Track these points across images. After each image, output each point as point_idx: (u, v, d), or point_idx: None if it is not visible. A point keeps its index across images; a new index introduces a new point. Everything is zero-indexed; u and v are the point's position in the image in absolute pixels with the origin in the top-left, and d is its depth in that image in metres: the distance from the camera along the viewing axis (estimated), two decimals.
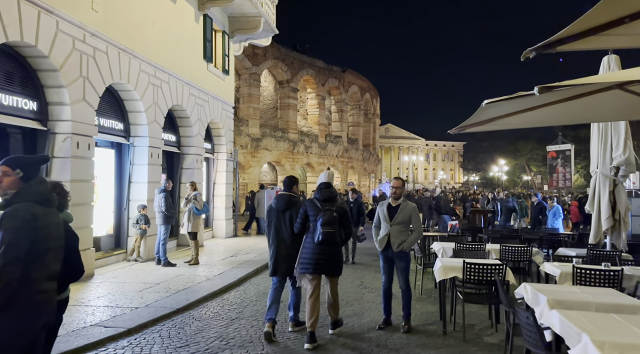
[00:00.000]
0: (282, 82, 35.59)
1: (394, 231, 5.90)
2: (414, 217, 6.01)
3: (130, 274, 9.41)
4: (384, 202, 6.21)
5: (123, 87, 10.41)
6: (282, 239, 5.71)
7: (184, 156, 13.32)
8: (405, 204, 6.02)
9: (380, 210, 6.14)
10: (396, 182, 6.11)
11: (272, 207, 5.87)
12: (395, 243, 5.89)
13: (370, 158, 47.75)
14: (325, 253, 5.39)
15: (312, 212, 5.46)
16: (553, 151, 23.66)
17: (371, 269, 10.62)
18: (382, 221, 6.06)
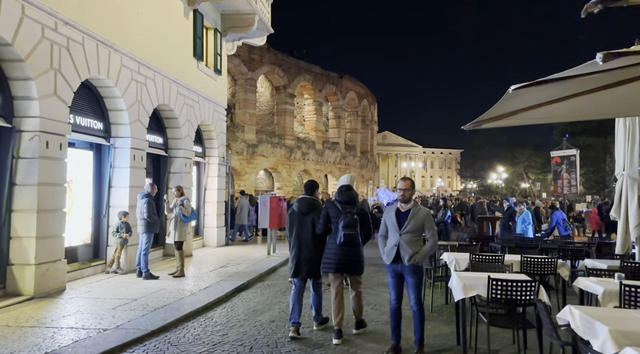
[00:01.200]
0: (279, 88, 34.75)
1: (405, 241, 4.97)
2: (427, 224, 5.07)
3: (106, 288, 8.41)
4: (392, 208, 5.26)
5: (102, 83, 9.47)
6: (304, 241, 5.84)
7: (172, 159, 12.36)
8: (416, 209, 5.08)
9: (388, 216, 5.21)
10: (404, 184, 5.15)
11: (294, 210, 6.01)
12: (406, 255, 4.96)
13: (368, 165, 46.90)
14: (347, 253, 5.61)
15: (333, 214, 5.65)
16: (557, 156, 22.70)
17: (372, 282, 9.64)
18: (390, 230, 5.14)
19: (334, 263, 5.64)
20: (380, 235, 5.34)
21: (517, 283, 4.61)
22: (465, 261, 6.77)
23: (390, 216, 5.13)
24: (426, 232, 5.10)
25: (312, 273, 5.87)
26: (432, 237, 5.08)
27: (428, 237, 5.12)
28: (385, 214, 5.24)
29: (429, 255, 5.72)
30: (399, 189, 5.14)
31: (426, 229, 5.07)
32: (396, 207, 5.18)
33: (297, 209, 5.96)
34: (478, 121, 6.35)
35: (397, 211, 5.12)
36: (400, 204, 5.14)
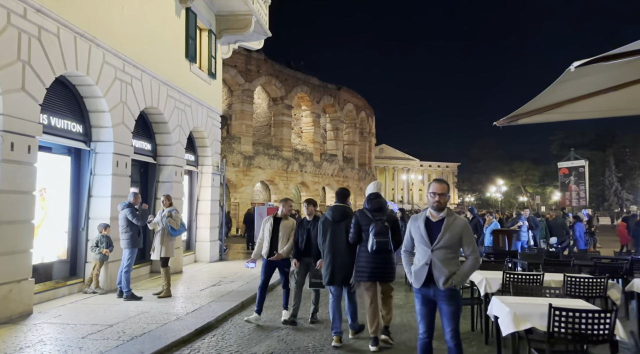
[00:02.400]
0: (276, 99, 33.89)
1: (438, 259, 3.91)
2: (466, 238, 4.00)
3: (80, 311, 7.29)
4: (419, 216, 4.18)
5: (81, 80, 8.46)
6: (338, 249, 5.83)
7: (161, 167, 11.30)
8: (452, 218, 4.01)
9: (414, 227, 4.13)
10: (439, 186, 4.03)
11: (326, 218, 6.02)
12: (440, 277, 3.90)
13: (366, 177, 45.91)
14: (379, 261, 5.57)
15: (364, 223, 5.59)
16: (565, 167, 21.84)
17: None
18: (419, 244, 4.07)
19: (367, 271, 5.61)
20: (405, 250, 4.26)
21: (588, 313, 3.55)
22: (497, 281, 5.71)
23: (418, 227, 4.06)
24: (464, 248, 4.03)
25: (347, 280, 5.86)
26: (473, 254, 3.99)
27: (467, 253, 4.03)
28: (411, 225, 4.17)
29: (469, 277, 4.58)
30: (431, 193, 4.03)
31: (464, 243, 4.00)
32: (425, 216, 4.10)
33: (331, 217, 5.97)
34: (514, 115, 5.35)
35: (426, 220, 4.05)
36: (430, 212, 4.07)
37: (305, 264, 6.78)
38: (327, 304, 7.02)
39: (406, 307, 8.13)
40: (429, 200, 4.06)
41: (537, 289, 5.06)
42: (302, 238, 6.69)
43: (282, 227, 6.90)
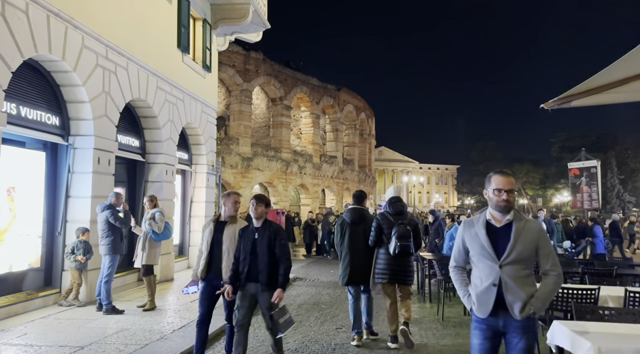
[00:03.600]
0: (275, 100, 32.93)
1: (511, 278, 2.85)
2: (544, 248, 2.94)
3: (51, 328, 6.26)
4: (476, 221, 3.07)
5: (57, 66, 7.45)
6: (357, 251, 5.80)
7: (150, 166, 10.28)
8: (522, 222, 2.95)
9: (469, 236, 3.05)
10: (506, 181, 2.93)
11: (344, 220, 5.99)
12: (516, 302, 2.83)
13: (367, 180, 44.97)
14: (400, 264, 5.55)
15: (385, 226, 5.55)
16: (575, 168, 20.80)
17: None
18: (479, 258, 2.98)
19: (387, 274, 5.57)
20: (456, 266, 3.19)
21: None
22: None
23: (476, 236, 2.99)
24: (542, 261, 2.96)
25: (364, 280, 5.82)
26: (554, 269, 2.93)
27: (547, 269, 2.95)
28: (465, 233, 3.09)
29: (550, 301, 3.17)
30: (495, 190, 2.94)
31: (542, 255, 2.94)
32: (483, 219, 3.02)
33: (349, 220, 5.92)
34: (568, 96, 4.37)
35: (488, 225, 2.99)
36: (492, 215, 3.00)
37: (251, 295, 4.46)
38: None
39: (424, 322, 7.12)
40: (490, 199, 2.99)
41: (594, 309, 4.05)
42: (244, 254, 4.42)
43: (227, 236, 4.73)
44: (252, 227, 4.48)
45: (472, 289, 3.02)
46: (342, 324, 6.80)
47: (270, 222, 4.50)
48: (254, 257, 4.38)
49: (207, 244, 4.80)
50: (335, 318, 7.26)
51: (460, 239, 3.13)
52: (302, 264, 14.03)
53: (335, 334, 6.25)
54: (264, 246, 4.36)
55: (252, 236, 4.43)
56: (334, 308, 8.03)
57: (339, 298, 8.93)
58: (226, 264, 4.66)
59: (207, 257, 4.78)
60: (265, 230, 4.41)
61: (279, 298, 4.30)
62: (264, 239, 4.37)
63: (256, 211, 4.44)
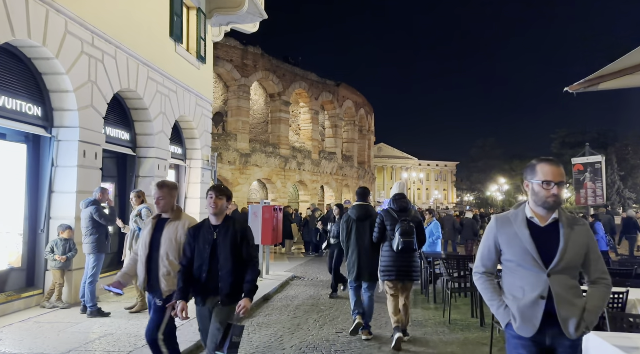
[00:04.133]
0: (274, 95, 32.44)
1: (562, 289, 2.35)
2: (594, 252, 2.45)
3: (29, 333, 5.79)
4: (514, 217, 2.52)
5: (38, 52, 6.95)
6: (363, 247, 5.80)
7: (141, 160, 9.80)
8: (569, 221, 2.45)
9: (505, 236, 2.49)
10: (556, 171, 2.42)
11: (350, 217, 5.98)
12: (571, 319, 2.32)
13: (366, 176, 44.52)
14: (405, 260, 5.51)
15: (389, 223, 5.53)
16: (579, 164, 20.30)
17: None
18: (520, 265, 2.43)
19: (394, 271, 5.53)
20: (485, 272, 2.59)
21: None
22: None
23: (516, 236, 2.43)
24: (590, 269, 2.44)
25: (371, 276, 5.80)
26: (605, 278, 2.44)
27: (598, 276, 2.45)
28: (499, 232, 2.52)
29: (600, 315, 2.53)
30: (543, 182, 2.39)
31: (592, 260, 2.43)
32: (523, 216, 2.48)
33: (355, 216, 5.92)
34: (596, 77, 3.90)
35: (530, 224, 2.45)
36: (534, 212, 2.46)
37: (210, 311, 3.59)
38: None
39: (429, 325, 6.66)
40: (534, 194, 2.44)
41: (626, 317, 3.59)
42: (200, 260, 3.53)
43: (165, 237, 3.70)
44: (209, 226, 3.56)
45: (509, 301, 2.46)
46: (342, 328, 6.34)
47: (233, 219, 3.64)
48: (213, 263, 3.48)
49: (144, 248, 3.73)
50: (336, 320, 6.80)
51: (491, 240, 2.55)
52: (300, 263, 13.56)
53: (335, 340, 5.78)
54: (227, 248, 3.47)
55: (209, 236, 3.51)
56: (333, 309, 7.57)
57: (339, 299, 8.47)
58: (164, 273, 3.66)
59: (146, 264, 3.70)
60: (229, 229, 3.51)
61: (244, 308, 3.36)
62: (227, 240, 3.48)
63: (215, 206, 3.52)
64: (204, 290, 3.52)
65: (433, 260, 8.18)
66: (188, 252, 3.58)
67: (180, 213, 3.85)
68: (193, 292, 3.56)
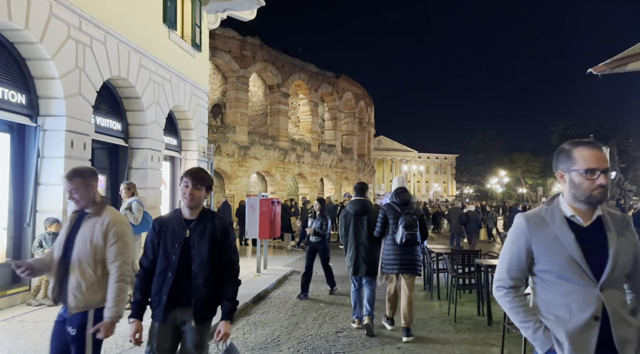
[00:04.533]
0: (272, 87, 31.99)
1: (617, 306, 1.85)
2: None
3: (11, 333, 5.44)
4: (549, 215, 1.98)
5: (20, 36, 6.55)
6: (361, 242, 5.79)
7: (134, 151, 9.41)
8: (614, 216, 1.97)
9: (541, 240, 1.95)
10: (600, 157, 1.90)
11: (348, 211, 5.98)
12: (629, 342, 1.83)
13: (365, 169, 44.18)
14: (407, 253, 5.50)
15: (391, 216, 5.52)
16: None
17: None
18: (562, 275, 1.89)
19: (397, 264, 5.51)
20: (512, 286, 2.04)
21: None
22: None
23: (556, 240, 1.92)
24: (637, 275, 1.96)
25: (369, 271, 5.77)
26: None
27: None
28: (532, 234, 1.98)
29: None
30: (587, 170, 1.90)
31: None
32: (561, 214, 1.97)
33: (353, 211, 5.92)
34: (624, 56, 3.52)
35: (571, 225, 1.94)
36: (574, 208, 1.96)
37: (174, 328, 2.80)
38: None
39: (434, 323, 6.32)
40: (574, 186, 1.94)
41: None
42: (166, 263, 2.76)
43: (80, 236, 2.82)
44: (181, 220, 2.78)
45: (551, 323, 1.93)
46: (343, 327, 6.00)
47: (212, 213, 2.87)
48: (183, 268, 2.70)
49: (58, 249, 2.86)
50: (336, 318, 6.46)
51: (521, 245, 2.00)
52: (299, 257, 13.21)
53: (335, 340, 5.44)
54: (204, 250, 2.72)
55: (180, 234, 2.74)
56: (333, 306, 7.23)
57: (338, 294, 8.13)
58: (73, 285, 2.75)
59: (57, 270, 2.80)
60: (207, 226, 2.76)
61: (224, 335, 2.69)
62: (204, 240, 2.73)
63: (191, 196, 2.71)
64: (169, 302, 2.68)
65: (437, 255, 7.84)
66: (149, 252, 2.81)
67: (102, 207, 2.90)
68: (151, 303, 2.77)
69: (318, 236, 7.98)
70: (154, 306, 2.76)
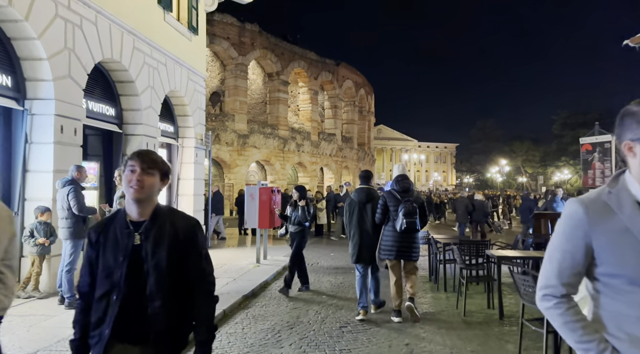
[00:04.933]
0: (272, 75, 31.49)
1: None
2: None
3: None
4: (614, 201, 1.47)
5: (4, 13, 6.11)
6: (365, 230, 5.81)
7: (129, 138, 9.04)
8: None
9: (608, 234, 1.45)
10: None
11: (352, 200, 5.98)
12: None
13: (365, 158, 43.80)
14: (406, 240, 5.56)
15: (392, 203, 5.56)
16: (588, 143, 19.60)
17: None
18: (635, 280, 1.39)
19: (394, 250, 5.60)
20: (564, 295, 1.52)
21: None
22: None
23: (627, 234, 1.42)
24: None
25: (372, 259, 5.80)
26: None
27: None
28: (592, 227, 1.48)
29: None
30: None
31: None
32: (631, 201, 1.45)
33: (357, 199, 5.92)
34: None
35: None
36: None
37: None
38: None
39: (442, 319, 6.01)
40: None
41: None
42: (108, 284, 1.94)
43: None
44: (125, 223, 1.97)
45: (619, 343, 1.43)
46: (347, 321, 5.69)
47: (171, 211, 2.10)
48: (132, 289, 1.89)
49: None
50: (339, 312, 6.15)
51: (578, 240, 1.51)
52: None
53: (339, 336, 5.13)
54: (161, 261, 1.92)
55: (126, 242, 1.93)
56: (336, 299, 6.92)
57: (341, 286, 7.83)
58: None
59: None
60: (163, 228, 1.97)
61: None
62: (161, 248, 1.93)
63: (139, 184, 1.93)
64: (113, 336, 1.87)
65: (444, 245, 7.52)
66: (86, 273, 2.00)
67: None
68: (90, 340, 1.94)
69: (299, 225, 7.35)
70: (92, 344, 1.92)
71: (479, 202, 13.56)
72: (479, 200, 13.77)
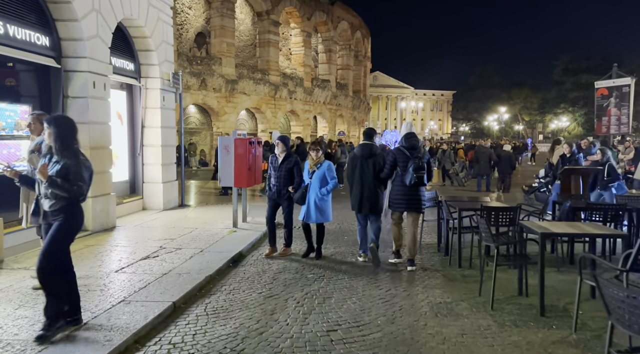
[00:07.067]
0: (261, 14, 28.82)
1: None
2: None
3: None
4: None
5: None
6: (366, 182, 6.02)
7: (70, 75, 7.18)
8: None
9: None
10: None
11: (355, 154, 6.18)
12: None
13: (361, 106, 41.74)
14: (414, 194, 5.85)
15: (401, 160, 5.82)
16: (604, 87, 17.75)
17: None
18: None
19: (403, 203, 5.87)
20: None
21: None
22: None
23: None
24: None
25: (372, 210, 6.02)
26: None
27: None
28: None
29: None
30: None
31: None
32: None
33: (360, 154, 6.07)
34: None
35: None
36: None
37: None
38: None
39: (462, 311, 4.52)
40: None
41: None
42: None
43: None
44: None
45: None
46: (337, 320, 4.17)
47: None
48: None
49: None
50: (327, 302, 4.64)
51: None
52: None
53: (326, 345, 3.62)
54: None
55: None
56: (324, 280, 5.39)
57: (333, 260, 6.33)
58: None
59: None
60: None
61: None
62: None
63: None
64: None
65: (460, 210, 5.95)
66: None
67: None
68: None
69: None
70: None
71: (505, 153, 12.09)
72: (505, 151, 12.33)
